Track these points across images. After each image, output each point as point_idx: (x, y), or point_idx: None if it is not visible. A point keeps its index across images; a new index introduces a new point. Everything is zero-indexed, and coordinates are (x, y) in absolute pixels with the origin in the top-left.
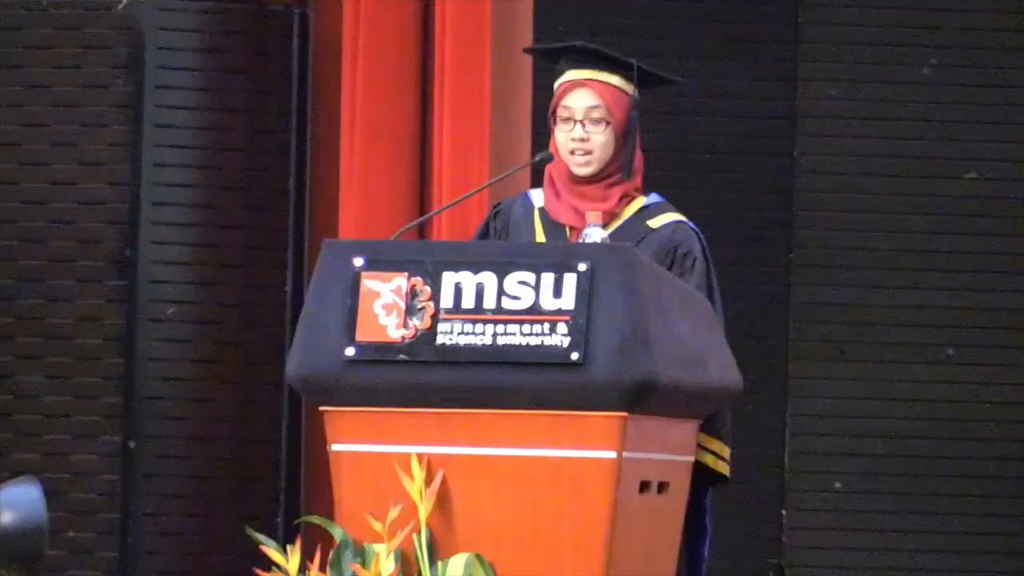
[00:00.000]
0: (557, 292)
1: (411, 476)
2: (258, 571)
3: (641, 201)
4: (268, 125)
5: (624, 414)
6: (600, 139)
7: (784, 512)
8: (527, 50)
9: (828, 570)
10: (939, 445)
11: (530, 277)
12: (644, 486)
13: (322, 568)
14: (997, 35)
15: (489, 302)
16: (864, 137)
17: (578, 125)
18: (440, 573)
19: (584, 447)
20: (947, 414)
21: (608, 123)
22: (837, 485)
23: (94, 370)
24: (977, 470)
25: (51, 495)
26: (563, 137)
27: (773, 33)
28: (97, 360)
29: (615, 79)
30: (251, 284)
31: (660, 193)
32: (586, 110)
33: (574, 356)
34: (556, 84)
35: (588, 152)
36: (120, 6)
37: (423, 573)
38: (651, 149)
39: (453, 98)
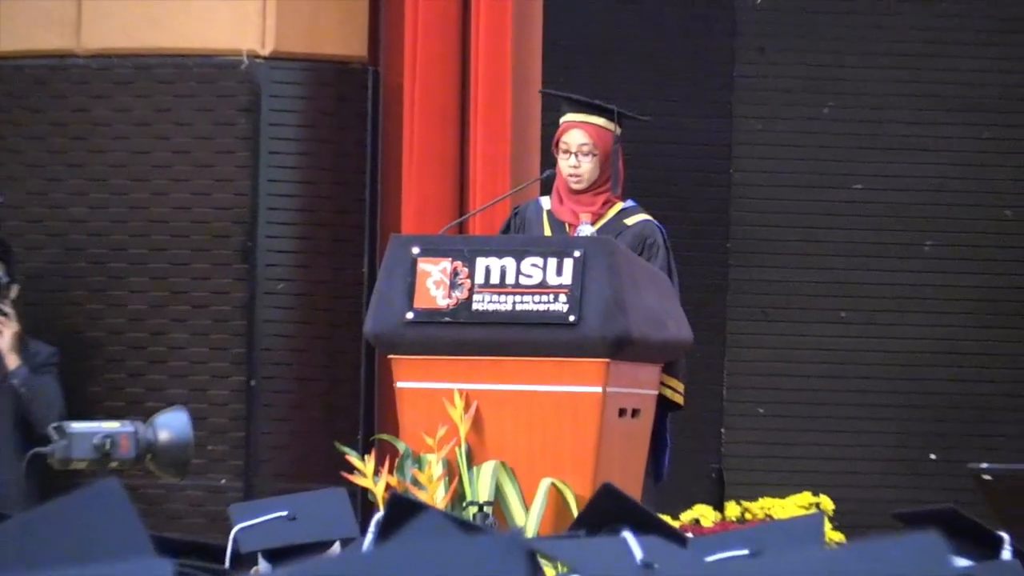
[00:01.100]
0: (559, 271)
1: (453, 405)
2: (344, 474)
3: (620, 205)
4: (350, 151)
5: (607, 360)
6: (588, 166)
7: (723, 431)
8: (542, 91)
9: (753, 472)
10: (834, 382)
11: (539, 261)
12: (622, 412)
13: (390, 472)
14: (880, 84)
15: (510, 279)
16: (782, 158)
17: (573, 156)
18: (475, 475)
19: (578, 384)
20: (840, 360)
21: (595, 154)
22: (760, 411)
23: (225, 329)
24: (864, 400)
25: (195, 420)
26: (563, 163)
27: (714, 81)
28: (227, 322)
29: (601, 120)
30: (338, 267)
31: (634, 199)
32: (578, 145)
33: (571, 318)
34: (561, 120)
35: (579, 176)
36: (243, 66)
37: (463, 475)
38: (628, 167)
39: (484, 129)
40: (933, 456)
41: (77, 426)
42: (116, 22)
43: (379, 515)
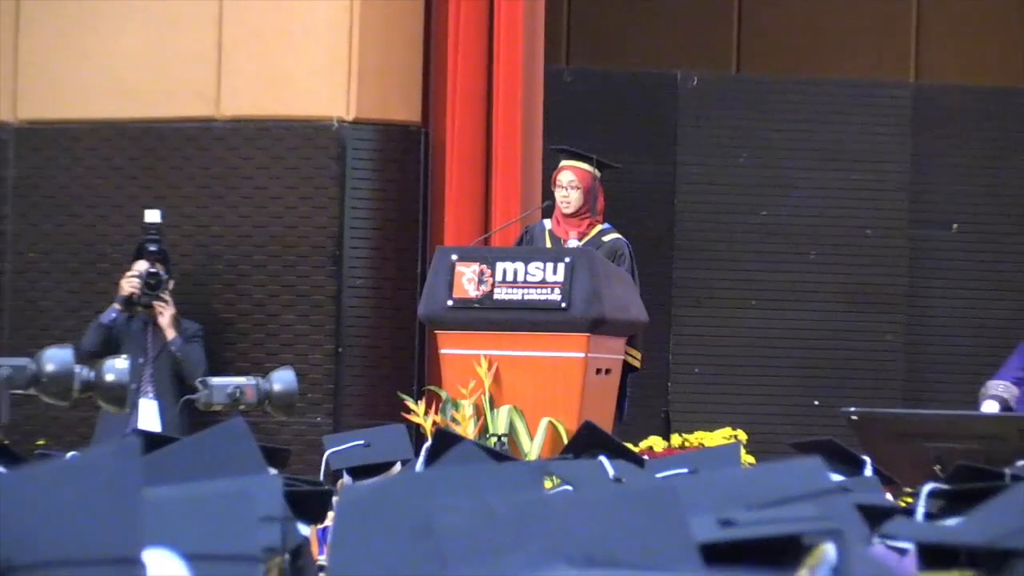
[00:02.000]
0: (555, 272)
1: (480, 366)
2: (404, 414)
3: (599, 227)
4: (408, 188)
5: (588, 334)
6: (575, 197)
7: (668, 384)
8: (552, 148)
9: (690, 413)
10: (748, 351)
11: (541, 264)
12: (598, 371)
13: (436, 413)
14: (780, 141)
15: (520, 277)
16: (711, 193)
17: (564, 189)
18: (495, 416)
19: (568, 351)
20: (751, 335)
21: (579, 188)
22: (696, 371)
23: (320, 312)
24: (768, 363)
25: (298, 376)
26: (558, 195)
27: (664, 140)
28: (321, 307)
29: (584, 165)
30: (399, 268)
31: (609, 223)
32: (568, 181)
33: (563, 305)
34: (558, 165)
35: (569, 203)
36: (334, 128)
37: (486, 415)
38: (605, 199)
39: (502, 173)
40: (816, 403)
41: (216, 380)
42: (245, 95)
43: (428, 444)
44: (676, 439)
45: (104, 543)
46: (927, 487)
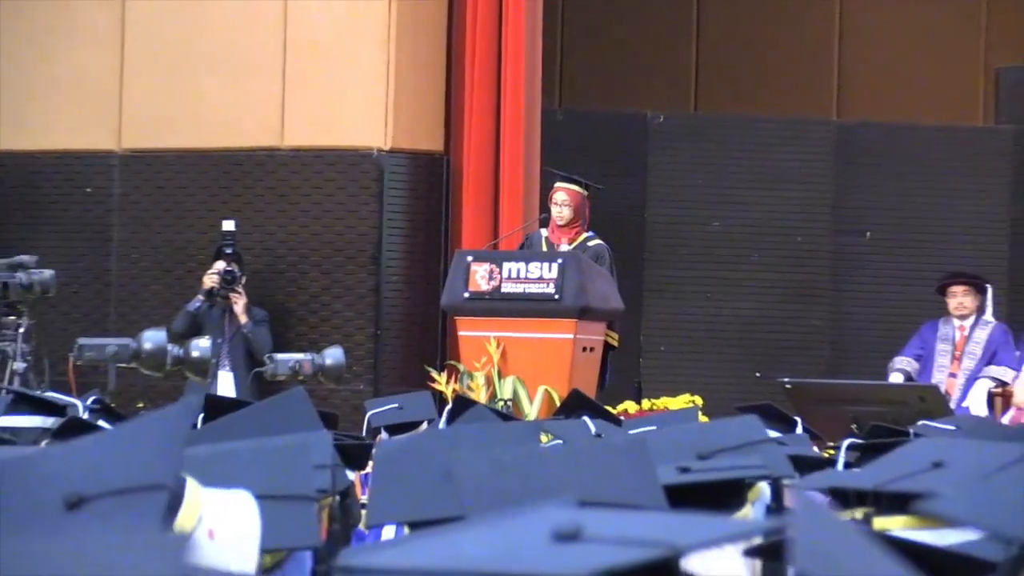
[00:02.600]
0: (550, 270)
1: (490, 345)
2: (429, 383)
3: (586, 235)
4: (433, 204)
5: (576, 320)
6: (566, 212)
7: (640, 360)
8: (547, 169)
9: (657, 383)
10: (704, 333)
11: (539, 264)
12: (584, 349)
13: (455, 382)
14: (729, 167)
15: (522, 275)
16: (674, 209)
17: (557, 206)
18: (502, 385)
19: (560, 333)
20: (707, 321)
21: (570, 205)
22: (661, 348)
23: (362, 303)
24: (720, 342)
25: (346, 352)
26: (553, 209)
27: (636, 166)
28: (364, 298)
29: (574, 186)
30: (426, 267)
31: (593, 231)
32: (561, 200)
33: (556, 296)
34: (554, 185)
35: (562, 217)
36: (373, 155)
37: (495, 384)
38: (591, 213)
39: (508, 193)
40: (758, 374)
41: (279, 356)
42: (303, 129)
43: (449, 407)
44: (646, 403)
45: (153, 472)
46: (845, 443)
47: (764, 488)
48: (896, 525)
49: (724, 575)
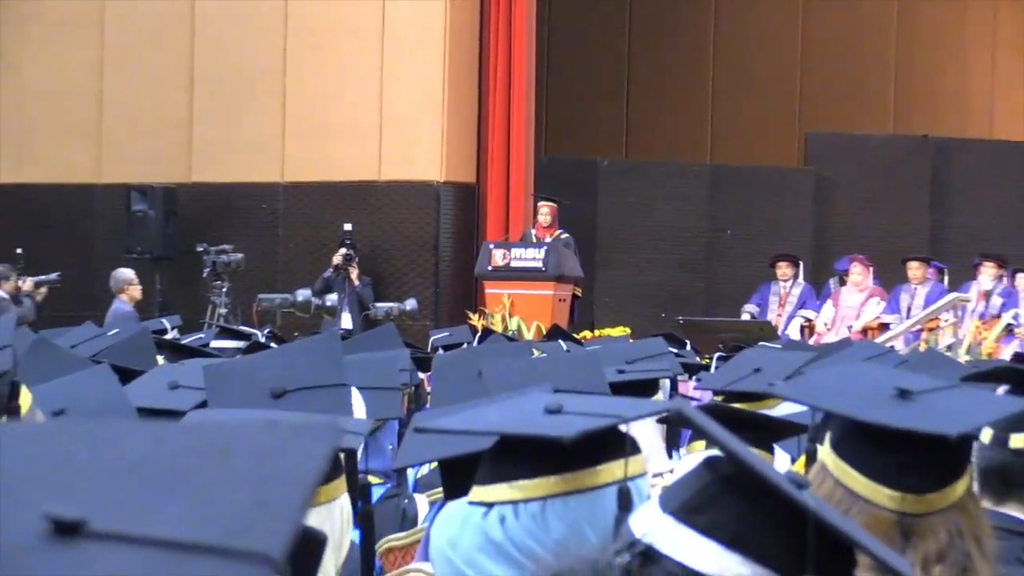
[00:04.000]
0: (539, 253)
1: (503, 298)
2: (468, 321)
3: (559, 231)
4: (471, 218)
5: (554, 282)
6: (548, 218)
7: (594, 307)
8: (538, 196)
9: (605, 320)
10: (634, 291)
11: (533, 250)
12: (559, 300)
13: (483, 320)
14: (664, 191)
15: (523, 256)
16: (615, 229)
17: (542, 215)
18: (511, 322)
19: (545, 291)
20: (637, 284)
21: (550, 214)
22: (607, 299)
23: (427, 273)
24: (647, 303)
25: (418, 302)
26: (540, 217)
27: (588, 196)
28: (428, 271)
29: (552, 203)
30: (465, 253)
31: (564, 228)
32: (544, 211)
33: (543, 268)
34: (537, 204)
35: (546, 221)
36: (434, 186)
37: (507, 322)
38: (562, 221)
39: (513, 208)
40: (663, 315)
41: (379, 304)
42: (393, 166)
43: (479, 335)
44: (597, 332)
45: (330, 375)
46: (716, 355)
47: (666, 383)
48: (740, 405)
49: (643, 436)
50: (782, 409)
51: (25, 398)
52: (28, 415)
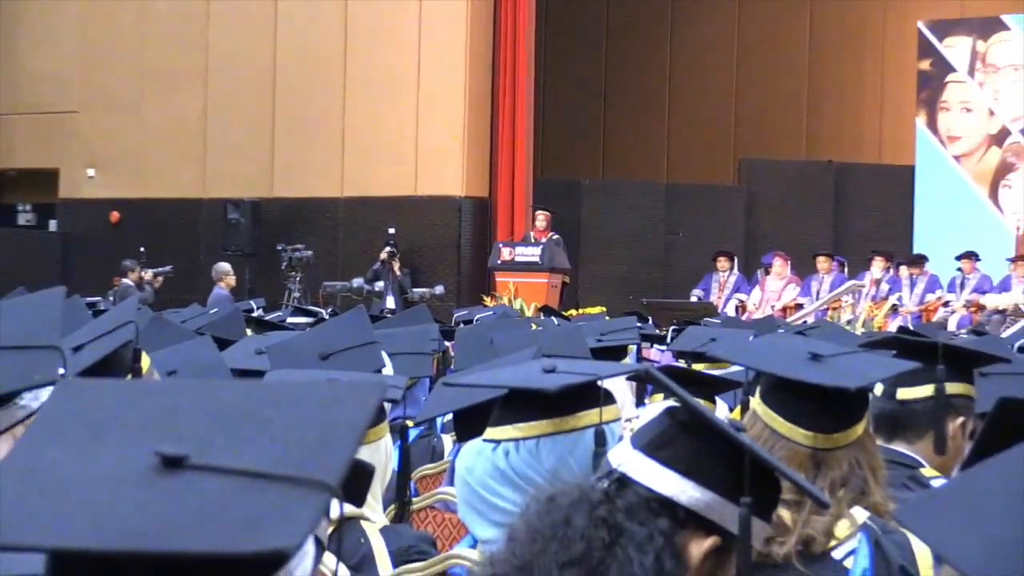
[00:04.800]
0: (536, 249)
1: (510, 284)
2: (483, 303)
3: (551, 233)
4: (486, 227)
5: (548, 273)
6: (543, 224)
7: (578, 291)
8: (533, 205)
9: (587, 301)
10: (608, 281)
11: (532, 247)
12: (552, 286)
13: (493, 302)
14: (630, 201)
15: (525, 252)
16: (592, 237)
17: (539, 221)
18: (516, 303)
19: (541, 279)
20: (613, 276)
21: (546, 221)
22: (587, 286)
23: (451, 268)
24: (619, 294)
25: (444, 288)
26: (538, 223)
27: (572, 212)
28: (452, 266)
29: (547, 211)
30: (483, 250)
31: (555, 231)
32: (540, 217)
33: (540, 262)
34: (536, 212)
35: (543, 227)
36: (456, 200)
37: (512, 303)
38: (555, 226)
39: (517, 217)
40: (631, 297)
41: (415, 289)
42: (424, 183)
43: (494, 307)
44: (580, 311)
45: (353, 339)
46: (671, 328)
47: (634, 348)
48: (700, 366)
49: (617, 390)
50: (731, 369)
51: (145, 362)
52: (147, 375)
